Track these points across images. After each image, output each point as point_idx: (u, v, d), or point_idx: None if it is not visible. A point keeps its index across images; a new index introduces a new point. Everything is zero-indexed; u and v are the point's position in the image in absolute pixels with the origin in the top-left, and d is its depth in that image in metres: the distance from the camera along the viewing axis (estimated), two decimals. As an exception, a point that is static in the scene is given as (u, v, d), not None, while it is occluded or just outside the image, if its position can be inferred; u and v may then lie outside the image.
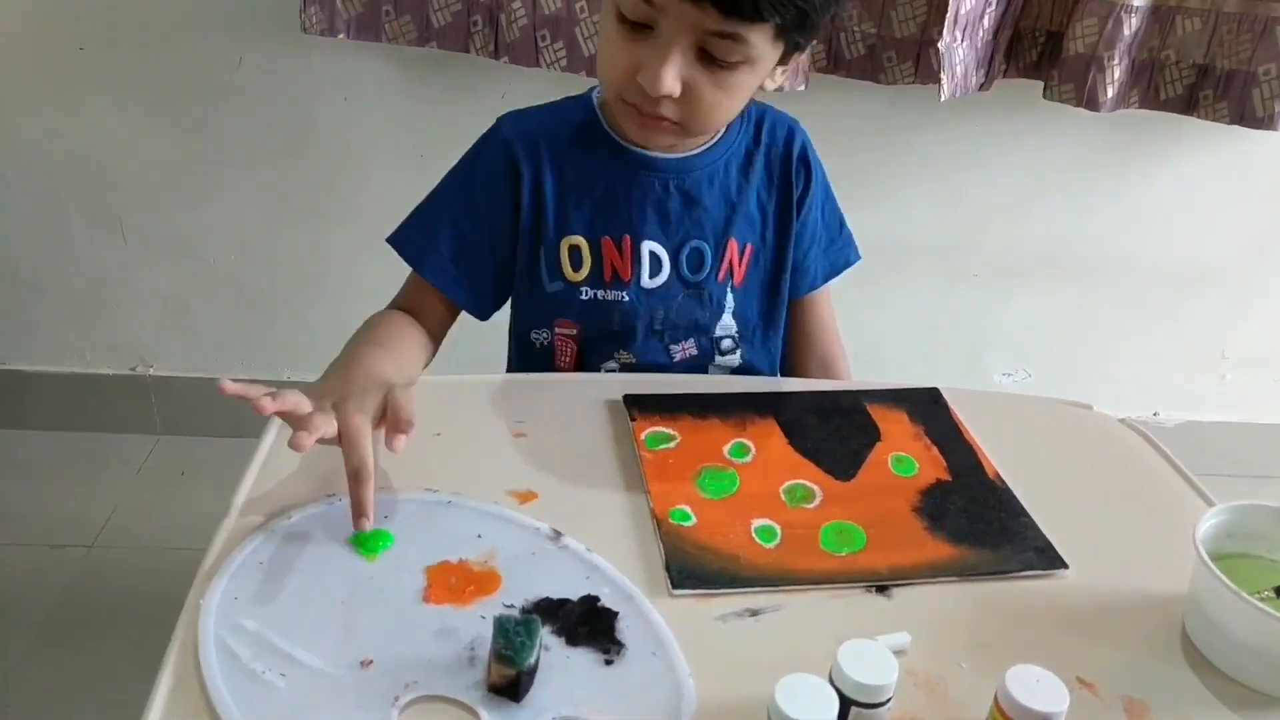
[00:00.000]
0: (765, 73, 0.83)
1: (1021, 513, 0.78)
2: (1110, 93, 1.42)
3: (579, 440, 0.83)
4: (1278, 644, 0.63)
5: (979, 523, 0.76)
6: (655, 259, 0.95)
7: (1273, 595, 0.67)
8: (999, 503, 0.79)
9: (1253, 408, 1.92)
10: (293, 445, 0.66)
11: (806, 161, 0.99)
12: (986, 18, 1.40)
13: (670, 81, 0.78)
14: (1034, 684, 0.56)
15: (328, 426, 0.69)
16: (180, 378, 1.78)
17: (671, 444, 0.82)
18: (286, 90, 1.55)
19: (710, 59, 0.79)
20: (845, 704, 0.55)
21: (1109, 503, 0.82)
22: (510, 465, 0.78)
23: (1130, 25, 1.38)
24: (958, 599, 0.70)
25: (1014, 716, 0.55)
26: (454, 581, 0.66)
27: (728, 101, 0.83)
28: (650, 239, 0.95)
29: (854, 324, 1.14)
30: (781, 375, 1.06)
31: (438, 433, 0.81)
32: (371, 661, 0.59)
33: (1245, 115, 1.42)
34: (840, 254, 1.06)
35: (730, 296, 0.99)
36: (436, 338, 0.97)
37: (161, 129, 1.57)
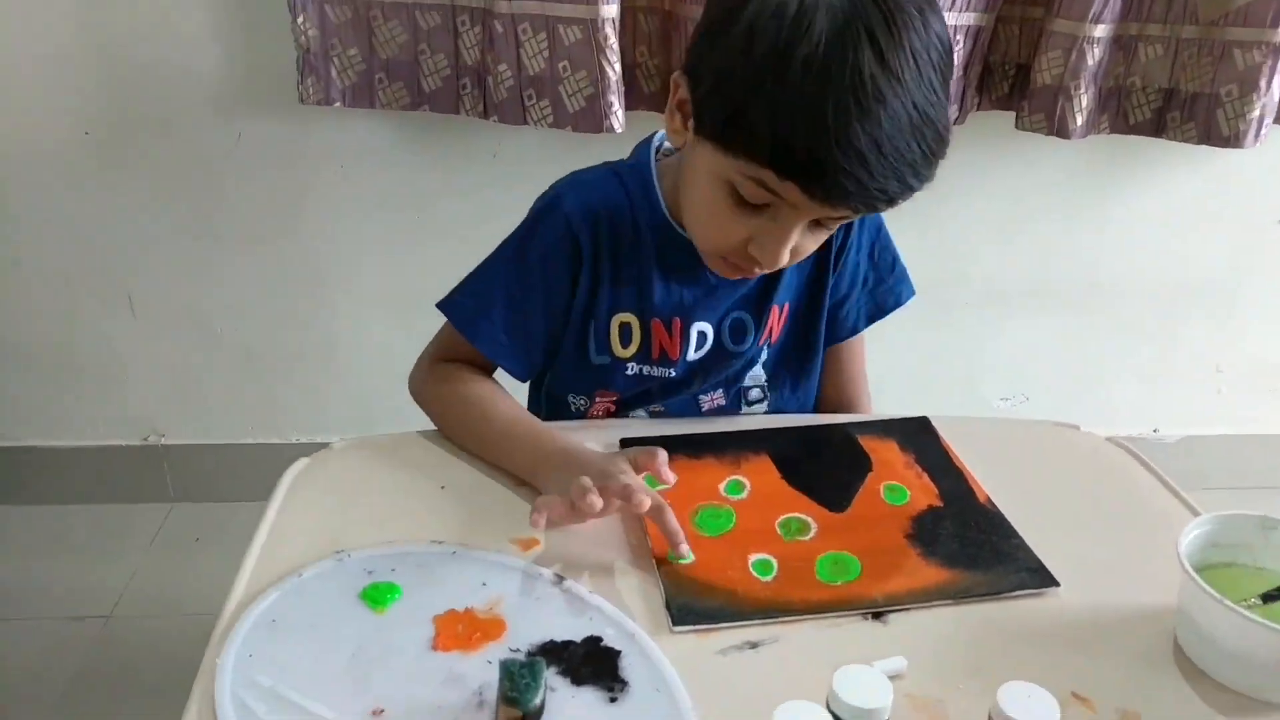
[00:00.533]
0: None
1: (1012, 534, 0.79)
2: (1079, 120, 1.46)
3: (578, 486, 0.85)
4: (1266, 650, 0.64)
5: (971, 546, 0.78)
6: (701, 336, 0.95)
7: (1259, 602, 0.68)
8: (990, 525, 0.81)
9: (1250, 420, 1.94)
10: (587, 509, 0.73)
11: None
12: (956, 54, 1.45)
13: (786, 258, 0.79)
14: (1025, 700, 0.58)
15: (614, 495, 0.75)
16: (191, 445, 1.81)
17: (668, 485, 0.84)
18: (284, 161, 1.59)
19: (818, 224, 0.79)
20: (842, 728, 0.57)
21: (1099, 520, 0.84)
22: (513, 514, 0.80)
23: (1094, 55, 1.43)
24: (952, 622, 0.71)
25: (1007, 733, 0.57)
26: (461, 629, 0.68)
27: (821, 240, 0.83)
28: (700, 321, 0.94)
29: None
30: None
31: (442, 485, 0.84)
32: (383, 710, 0.61)
33: (1212, 135, 1.46)
34: (889, 293, 1.03)
35: (765, 351, 0.99)
36: None
37: (166, 206, 1.62)
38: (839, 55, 0.67)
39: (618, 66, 1.40)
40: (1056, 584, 0.74)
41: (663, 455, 0.81)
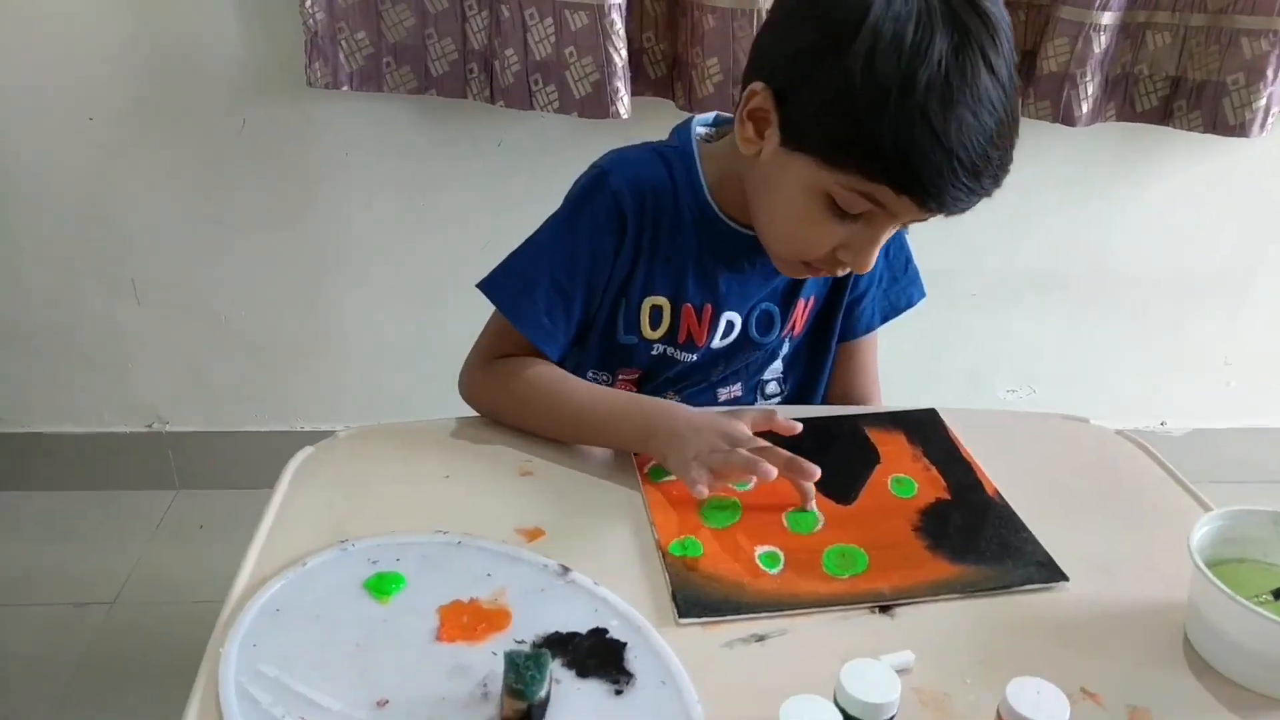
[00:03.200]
0: None
1: (1021, 528, 0.79)
2: (1085, 108, 1.45)
3: (584, 477, 0.84)
4: (1277, 647, 0.63)
5: (979, 540, 0.78)
6: (730, 325, 0.95)
7: (1270, 599, 0.68)
8: (998, 519, 0.80)
9: (1259, 413, 1.93)
10: (764, 474, 0.76)
11: None
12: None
13: (875, 259, 0.82)
14: (1035, 696, 0.57)
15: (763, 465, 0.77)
16: (196, 433, 1.81)
17: (674, 476, 0.83)
18: (291, 145, 1.59)
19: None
20: (849, 723, 0.56)
21: (1108, 514, 0.83)
22: (518, 504, 0.80)
23: (1100, 43, 1.41)
24: (960, 616, 0.71)
25: (1016, 728, 0.56)
26: (466, 620, 0.67)
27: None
28: (731, 310, 0.95)
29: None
30: None
31: (446, 475, 0.84)
32: (388, 701, 0.61)
33: (1218, 124, 1.45)
34: (902, 293, 1.04)
35: (786, 345, 0.99)
36: None
37: (171, 191, 1.61)
38: (960, 73, 0.71)
39: (624, 52, 1.39)
40: (1065, 578, 0.74)
41: (791, 425, 0.84)
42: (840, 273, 0.86)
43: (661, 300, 0.93)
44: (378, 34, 1.44)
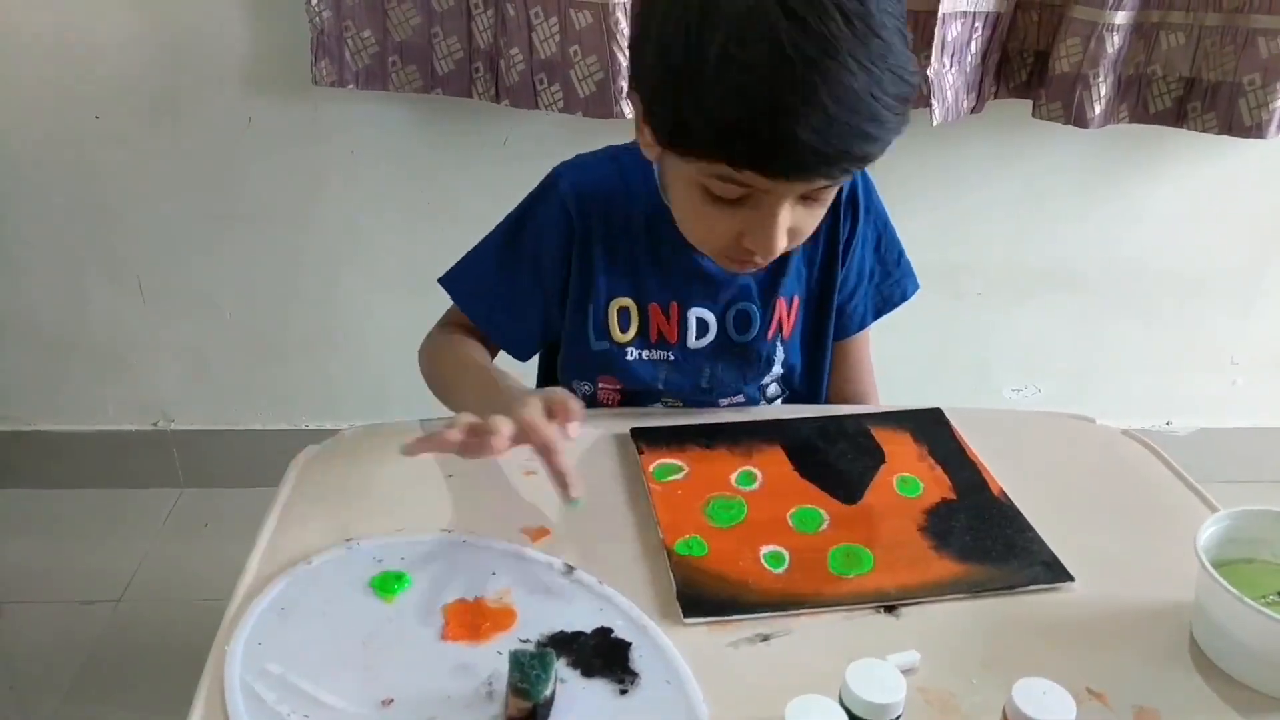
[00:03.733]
0: None
1: (1027, 528, 0.79)
2: (1097, 109, 1.44)
3: (589, 475, 0.83)
4: (1284, 647, 0.63)
5: (985, 540, 0.77)
6: (702, 323, 0.95)
7: (1277, 599, 0.67)
8: (1004, 519, 0.80)
9: (1265, 412, 1.92)
10: (491, 449, 0.70)
11: (854, 201, 0.96)
12: (974, 42, 1.43)
13: (782, 243, 0.77)
14: (1041, 696, 0.57)
15: (507, 427, 0.71)
16: (201, 431, 1.81)
17: (679, 475, 0.83)
18: (296, 144, 1.59)
19: (806, 198, 0.77)
20: (855, 723, 0.56)
21: (1114, 514, 0.83)
22: (522, 503, 0.80)
23: (1113, 43, 1.41)
24: (966, 616, 0.71)
25: (1022, 729, 0.56)
26: (470, 619, 0.67)
27: (817, 218, 0.81)
28: (697, 306, 0.94)
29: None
30: None
31: (450, 474, 0.84)
32: (392, 700, 0.61)
33: (1233, 125, 1.43)
34: (896, 287, 1.02)
35: (780, 349, 0.98)
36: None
37: (176, 188, 1.61)
38: (753, 36, 0.66)
39: (628, 51, 1.39)
40: (1071, 578, 0.73)
41: (576, 410, 0.76)
42: (761, 260, 0.81)
43: (627, 301, 0.94)
44: (384, 32, 1.44)
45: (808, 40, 0.65)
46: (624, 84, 1.39)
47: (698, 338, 0.95)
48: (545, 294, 0.95)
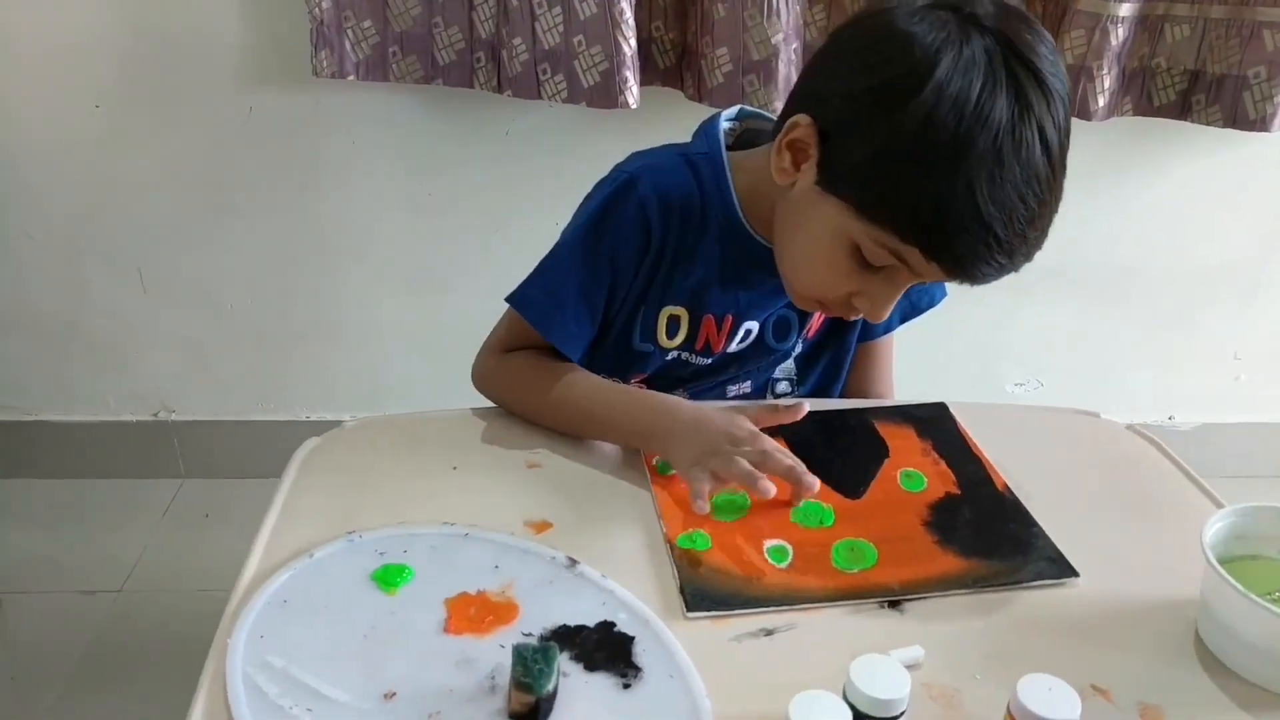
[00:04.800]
0: None
1: (1031, 523, 0.78)
2: (1101, 101, 1.44)
3: (592, 469, 0.84)
4: (1289, 644, 0.63)
5: (989, 535, 0.77)
6: (747, 333, 0.95)
7: (1283, 596, 0.67)
8: (1008, 514, 0.80)
9: (1268, 408, 1.91)
10: (762, 492, 0.76)
11: None
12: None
13: (888, 315, 0.81)
14: (1046, 692, 0.57)
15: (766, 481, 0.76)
16: (202, 422, 1.81)
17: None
18: (297, 135, 1.58)
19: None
20: (859, 719, 0.56)
21: (1119, 509, 0.82)
22: (525, 496, 0.80)
23: (1118, 35, 1.40)
24: (970, 611, 0.70)
25: (1027, 725, 0.56)
26: (473, 612, 0.67)
27: None
28: (751, 320, 0.94)
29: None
30: None
31: (454, 466, 0.83)
32: (395, 694, 0.60)
33: (1238, 118, 1.43)
34: (924, 293, 1.00)
35: (799, 345, 0.98)
36: None
37: (176, 180, 1.61)
38: (1013, 150, 0.69)
39: (633, 41, 1.38)
40: (1076, 574, 0.73)
41: (796, 408, 0.84)
42: (851, 318, 0.84)
43: (679, 310, 0.92)
44: (384, 22, 1.43)
45: (1047, 169, 0.72)
46: (629, 74, 1.39)
47: (739, 344, 0.95)
48: (612, 299, 0.92)
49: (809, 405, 0.88)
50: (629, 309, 0.92)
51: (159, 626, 1.51)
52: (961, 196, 0.69)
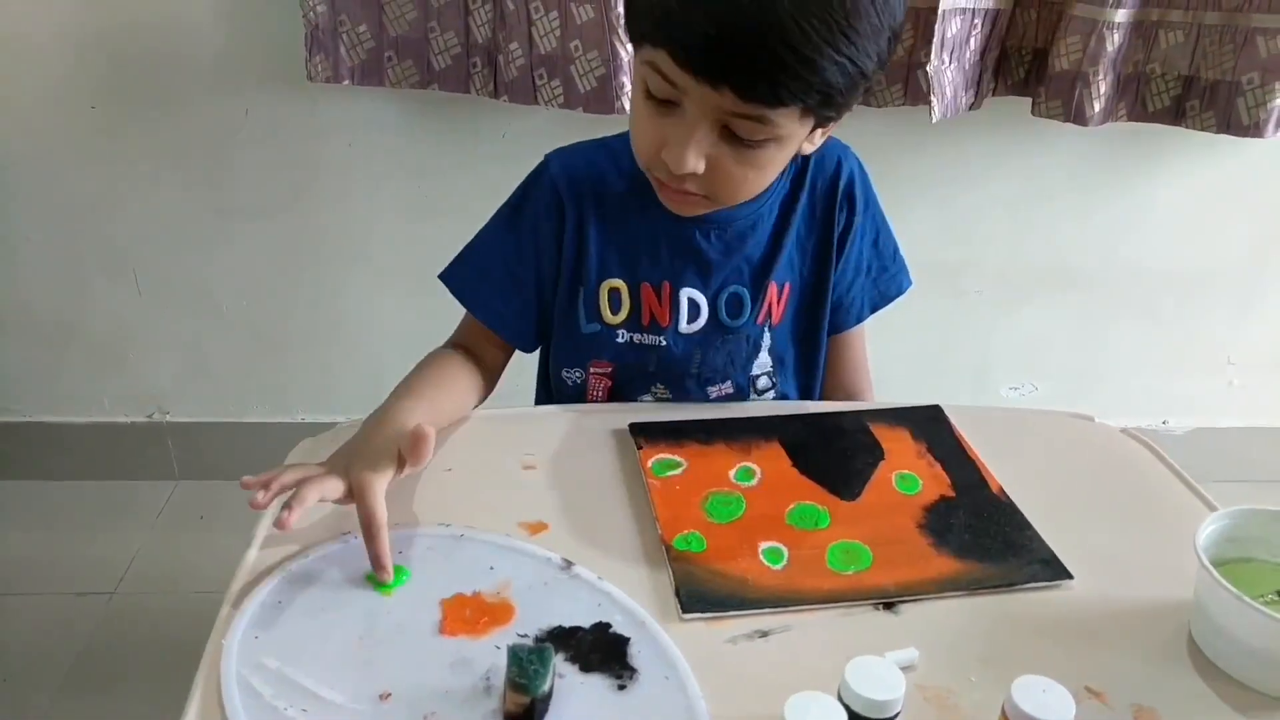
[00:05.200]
0: (795, 146, 0.81)
1: (1025, 526, 0.79)
2: (1096, 107, 1.44)
3: (587, 470, 0.84)
4: (1282, 646, 0.63)
5: (984, 537, 0.77)
6: (694, 305, 0.95)
7: (1276, 598, 0.68)
8: (1003, 516, 0.80)
9: (1261, 412, 1.92)
10: (277, 525, 0.69)
11: (851, 195, 0.96)
12: (973, 39, 1.43)
13: (693, 161, 0.77)
14: (1040, 695, 0.57)
15: (330, 490, 0.72)
16: (197, 423, 1.81)
17: (678, 470, 0.83)
18: (293, 139, 1.58)
19: (735, 137, 0.77)
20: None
21: (1113, 512, 0.83)
22: (521, 497, 0.80)
23: (1113, 41, 1.41)
24: (965, 613, 0.71)
25: (1021, 727, 0.56)
26: (469, 613, 0.67)
27: (755, 176, 0.82)
28: (689, 286, 0.94)
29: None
30: None
31: (449, 468, 0.83)
32: (390, 694, 0.60)
33: (1231, 124, 1.44)
34: (891, 281, 1.03)
35: (767, 335, 0.98)
36: (493, 372, 0.98)
37: (172, 182, 1.61)
38: None
39: (630, 46, 1.38)
40: (1070, 576, 0.73)
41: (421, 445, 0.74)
42: (683, 187, 0.81)
43: (618, 283, 0.94)
44: (379, 27, 1.43)
45: None
46: (625, 80, 1.39)
47: (689, 321, 0.95)
48: (540, 279, 0.96)
49: (807, 413, 0.88)
50: (568, 290, 0.95)
51: (152, 629, 1.51)
52: None
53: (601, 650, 0.64)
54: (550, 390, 1.02)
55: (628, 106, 1.40)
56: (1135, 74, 1.47)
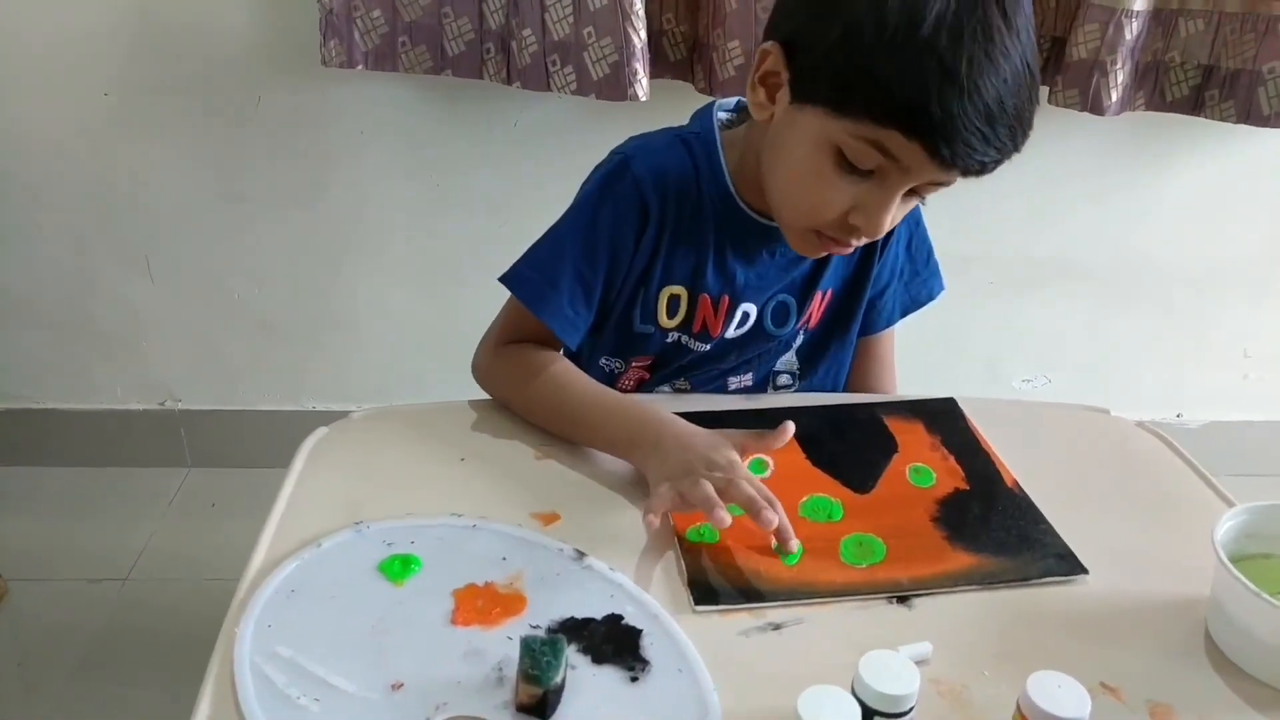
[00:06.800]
0: None
1: (1040, 520, 0.78)
2: (1114, 96, 1.43)
3: (600, 462, 0.84)
4: (1301, 644, 0.63)
5: (998, 531, 0.77)
6: (745, 317, 0.94)
7: (1295, 595, 0.67)
8: (1018, 510, 0.79)
9: (1277, 406, 1.90)
10: (717, 521, 0.71)
11: None
12: (991, 28, 1.41)
13: (888, 225, 0.78)
14: (1055, 690, 0.57)
15: (724, 513, 0.72)
16: (209, 411, 1.81)
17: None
18: (306, 125, 1.58)
19: (912, 191, 0.77)
20: (867, 714, 0.56)
21: (1128, 507, 0.82)
22: (533, 488, 0.80)
23: (1132, 29, 1.39)
24: (979, 608, 0.70)
25: (1036, 723, 0.56)
26: (481, 604, 0.67)
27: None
28: (748, 301, 0.93)
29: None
30: None
31: (462, 458, 0.83)
32: (402, 684, 0.60)
33: (1251, 114, 1.42)
34: (923, 286, 1.02)
35: (800, 336, 0.98)
36: None
37: (185, 169, 1.60)
38: (970, 11, 0.68)
39: (643, 33, 1.37)
40: (1085, 571, 0.73)
41: (784, 432, 0.80)
42: (855, 242, 0.82)
43: (679, 290, 0.92)
44: (393, 12, 1.43)
45: (1008, 30, 0.69)
46: (639, 66, 1.38)
47: (737, 328, 0.95)
48: (609, 284, 0.91)
49: (820, 405, 0.87)
50: (630, 291, 0.92)
51: (165, 615, 1.52)
52: (927, 61, 0.68)
53: (614, 642, 0.64)
54: None
55: (640, 94, 1.39)
56: (1154, 63, 1.46)
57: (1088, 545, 0.75)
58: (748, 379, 0.99)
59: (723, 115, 0.92)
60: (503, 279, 0.91)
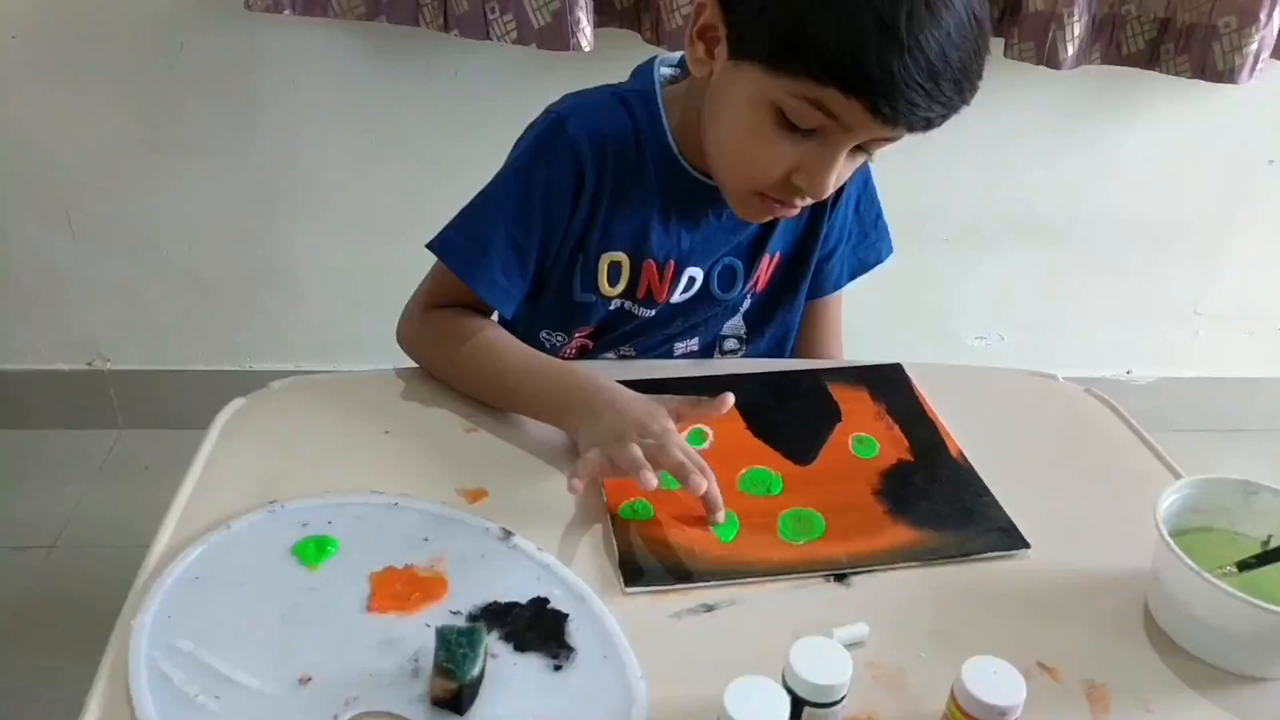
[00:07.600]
0: None
1: (984, 492, 0.76)
2: (1070, 50, 1.40)
3: (532, 434, 0.80)
4: (1238, 622, 0.62)
5: (941, 504, 0.75)
6: (690, 281, 0.90)
7: (1234, 570, 0.66)
8: (961, 482, 0.77)
9: (1224, 362, 1.92)
10: (642, 484, 0.68)
11: None
12: (946, -23, 1.37)
13: (833, 185, 0.75)
14: (991, 676, 0.55)
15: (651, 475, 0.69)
16: (139, 371, 1.74)
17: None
18: (232, 73, 1.50)
19: (858, 149, 0.74)
20: (798, 704, 0.54)
21: (1074, 477, 0.81)
22: (461, 462, 0.76)
23: (1090, -19, 1.36)
24: (918, 585, 0.68)
25: (970, 711, 0.54)
26: (399, 588, 0.64)
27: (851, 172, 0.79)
28: (694, 265, 0.89)
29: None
30: None
31: (386, 430, 0.79)
32: (311, 678, 0.57)
33: (1206, 69, 1.40)
34: (871, 249, 0.99)
35: (747, 300, 0.95)
36: None
37: (105, 119, 1.52)
38: None
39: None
40: (1027, 545, 0.71)
41: (723, 402, 0.77)
42: (799, 203, 0.78)
43: (620, 256, 0.87)
44: (324, -48, 1.35)
45: None
46: (581, 15, 1.32)
47: (683, 293, 0.91)
48: (544, 249, 0.86)
49: (764, 370, 0.85)
50: (567, 257, 0.88)
51: (94, 583, 1.44)
52: (865, 14, 0.65)
53: (538, 628, 0.61)
54: None
55: (584, 43, 1.33)
56: (1111, 15, 1.43)
57: (1031, 518, 0.73)
58: (694, 344, 0.95)
59: (666, 71, 0.88)
60: (430, 245, 0.86)
